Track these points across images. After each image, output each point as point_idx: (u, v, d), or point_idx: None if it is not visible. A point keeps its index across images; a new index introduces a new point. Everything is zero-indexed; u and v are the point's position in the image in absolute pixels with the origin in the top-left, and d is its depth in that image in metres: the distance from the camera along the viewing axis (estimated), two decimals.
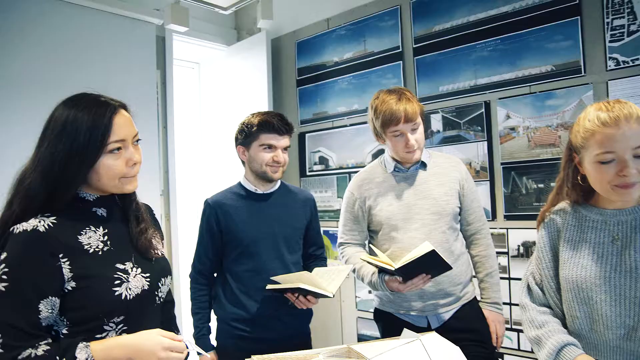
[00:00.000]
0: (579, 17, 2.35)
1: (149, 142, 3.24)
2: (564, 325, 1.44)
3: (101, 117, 1.17)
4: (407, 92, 1.93)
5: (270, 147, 1.94)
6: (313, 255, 2.14)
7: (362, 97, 3.20)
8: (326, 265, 2.08)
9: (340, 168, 3.34)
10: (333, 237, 3.31)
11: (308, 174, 3.55)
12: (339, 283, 1.84)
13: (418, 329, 1.84)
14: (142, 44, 3.27)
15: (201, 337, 1.97)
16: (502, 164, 2.60)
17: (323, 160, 3.45)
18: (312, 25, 3.54)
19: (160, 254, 1.39)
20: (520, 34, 2.54)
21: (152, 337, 1.16)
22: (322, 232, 3.26)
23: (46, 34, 2.82)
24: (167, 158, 3.46)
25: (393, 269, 1.75)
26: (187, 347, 1.26)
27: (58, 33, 2.87)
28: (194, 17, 3.61)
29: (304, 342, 2.03)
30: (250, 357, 1.38)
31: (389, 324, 2.00)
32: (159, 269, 1.35)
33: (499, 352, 2.58)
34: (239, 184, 2.06)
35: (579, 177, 1.38)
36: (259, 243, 1.95)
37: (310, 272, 1.88)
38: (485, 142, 2.65)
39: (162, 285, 1.34)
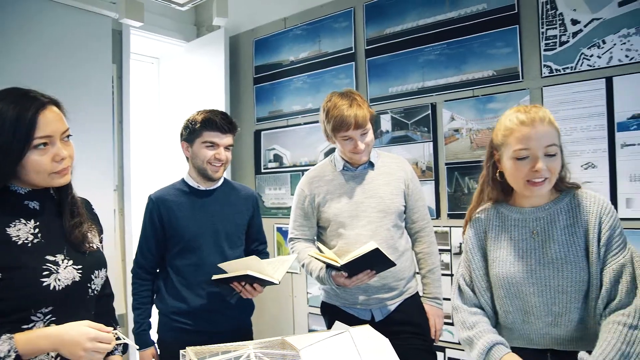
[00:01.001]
0: (517, 26, 2.46)
1: (102, 137, 3.22)
2: (495, 324, 1.53)
3: (26, 112, 1.18)
4: (358, 97, 1.99)
5: (213, 144, 1.98)
6: (256, 250, 2.18)
7: (316, 96, 3.25)
8: None
9: (294, 166, 3.39)
10: (286, 234, 3.34)
11: (263, 171, 3.59)
12: (283, 271, 1.89)
13: (362, 322, 1.92)
14: (97, 37, 3.22)
15: (141, 332, 1.99)
16: (446, 164, 2.70)
17: (277, 158, 3.49)
18: (269, 24, 3.58)
19: (95, 247, 1.41)
20: (465, 40, 2.63)
21: (78, 328, 1.18)
22: (275, 228, 3.31)
23: None
24: (122, 153, 3.44)
25: (339, 265, 1.82)
26: (122, 339, 1.28)
27: (10, 23, 2.81)
28: (153, 12, 3.60)
29: (245, 335, 2.07)
30: None
31: (335, 317, 2.06)
32: (93, 261, 1.37)
33: (440, 346, 2.67)
34: (182, 180, 2.09)
35: (497, 174, 1.49)
36: (201, 238, 1.98)
37: None
38: (431, 143, 2.75)
39: (95, 277, 1.36)
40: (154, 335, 2.05)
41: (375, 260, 1.80)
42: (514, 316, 1.45)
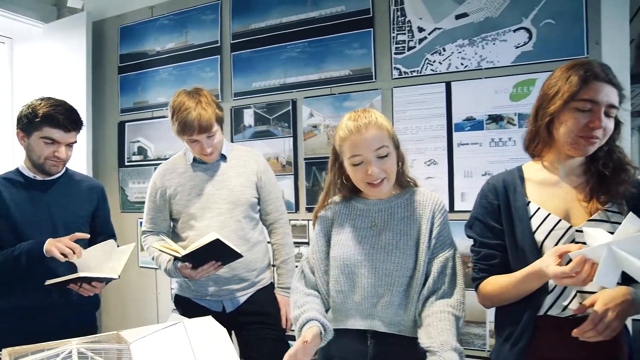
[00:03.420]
0: (371, 29, 2.61)
1: None
2: (328, 307, 1.60)
3: None
4: (205, 97, 1.96)
5: (53, 141, 1.85)
6: None
7: (182, 88, 3.18)
8: None
9: (159, 159, 3.29)
10: None
11: (127, 164, 3.44)
12: (123, 263, 1.83)
13: (213, 313, 1.91)
14: None
15: None
16: (305, 159, 2.79)
17: (142, 151, 3.37)
18: (136, 12, 3.44)
19: None
20: (324, 39, 2.74)
21: None
22: (139, 223, 3.18)
23: None
24: None
25: (180, 256, 1.80)
26: None
27: None
28: None
29: (89, 333, 1.97)
30: None
31: (187, 309, 2.05)
32: None
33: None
34: (17, 169, 1.93)
35: (344, 177, 1.57)
36: (36, 231, 1.85)
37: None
38: (291, 138, 2.82)
39: None
40: None
41: (220, 251, 1.81)
42: (344, 295, 1.54)
